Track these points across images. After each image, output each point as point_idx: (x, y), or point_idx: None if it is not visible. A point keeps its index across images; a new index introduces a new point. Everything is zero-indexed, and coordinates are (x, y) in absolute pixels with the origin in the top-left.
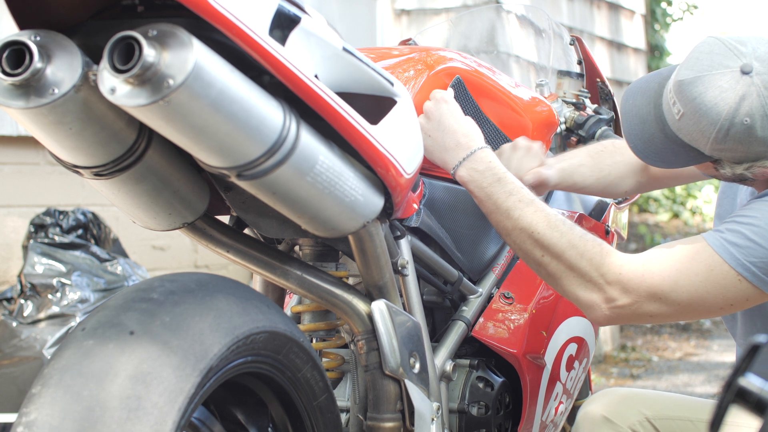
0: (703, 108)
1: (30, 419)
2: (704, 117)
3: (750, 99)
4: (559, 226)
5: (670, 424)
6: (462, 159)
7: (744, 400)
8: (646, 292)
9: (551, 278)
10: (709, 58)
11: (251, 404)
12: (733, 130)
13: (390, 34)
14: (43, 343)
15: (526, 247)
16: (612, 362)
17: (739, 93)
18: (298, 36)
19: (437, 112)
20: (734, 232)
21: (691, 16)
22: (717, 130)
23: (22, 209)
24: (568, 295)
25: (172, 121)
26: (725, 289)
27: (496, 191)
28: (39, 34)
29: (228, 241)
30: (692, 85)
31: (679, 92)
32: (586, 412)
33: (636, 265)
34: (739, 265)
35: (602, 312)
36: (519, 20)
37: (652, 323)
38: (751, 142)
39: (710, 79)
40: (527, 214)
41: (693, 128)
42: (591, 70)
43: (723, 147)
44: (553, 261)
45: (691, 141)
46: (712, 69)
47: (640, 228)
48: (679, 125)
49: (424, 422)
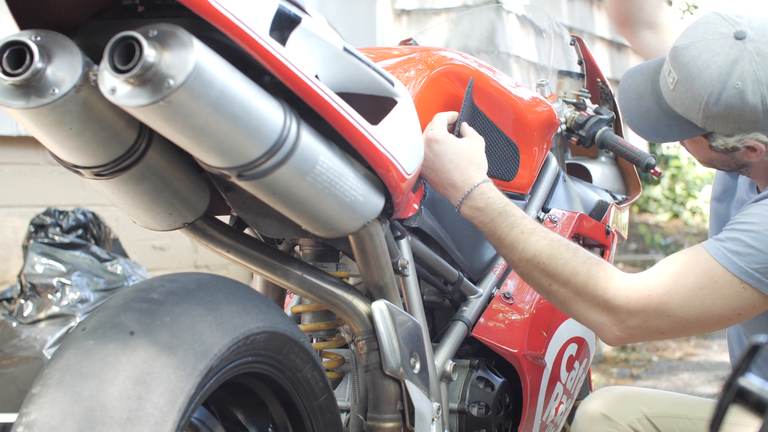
0: (695, 71)
1: (30, 419)
2: (697, 80)
3: (742, 63)
4: (563, 253)
5: (669, 422)
6: (462, 199)
7: (744, 400)
8: (654, 311)
9: (561, 305)
10: (705, 27)
11: (251, 404)
12: (724, 94)
13: (390, 34)
14: (43, 343)
15: (533, 277)
16: (612, 362)
17: (732, 57)
18: (299, 36)
19: (431, 154)
20: (734, 240)
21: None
22: (709, 93)
23: (22, 209)
24: (579, 320)
25: (172, 122)
26: (731, 299)
27: (498, 226)
28: (39, 34)
29: (228, 241)
30: (686, 50)
31: (673, 59)
32: (585, 409)
33: (641, 285)
34: (742, 273)
35: (613, 333)
36: (519, 20)
37: (665, 339)
38: (742, 109)
39: (704, 44)
40: (530, 246)
41: (686, 95)
42: (591, 70)
43: (715, 114)
44: (561, 288)
45: (685, 112)
46: (707, 36)
47: (641, 228)
48: (674, 95)
49: (424, 422)
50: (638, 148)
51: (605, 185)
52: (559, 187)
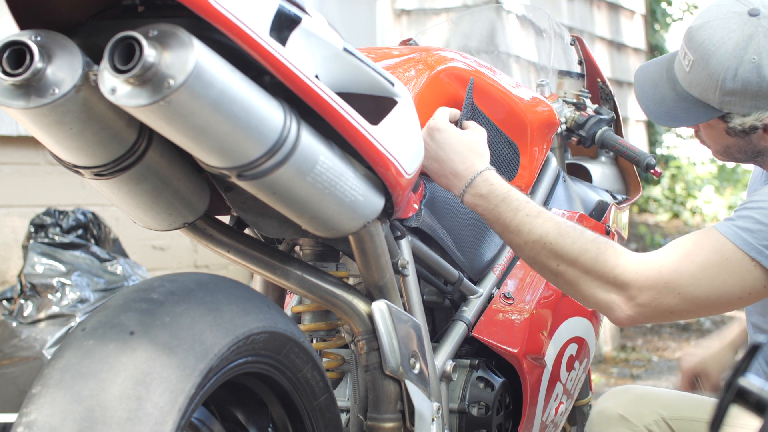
0: (711, 49)
1: (30, 419)
2: (713, 58)
3: (757, 38)
4: (570, 233)
5: (686, 425)
6: (465, 187)
7: (744, 400)
8: (664, 287)
9: (569, 286)
10: (718, 7)
11: (251, 404)
12: (741, 69)
13: (390, 34)
14: (43, 343)
15: (540, 259)
16: (612, 362)
17: (747, 32)
18: (299, 36)
19: (433, 143)
20: (745, 218)
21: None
22: (725, 69)
23: (22, 209)
24: (588, 300)
25: (172, 122)
26: (742, 277)
27: (502, 211)
28: (39, 34)
29: (228, 241)
30: (701, 30)
31: (688, 39)
32: (602, 409)
33: (651, 262)
34: (753, 250)
35: (623, 312)
36: (519, 20)
37: (675, 320)
38: (760, 84)
39: (718, 23)
40: (537, 227)
41: (702, 74)
42: (592, 70)
43: (732, 91)
44: (569, 268)
45: (702, 93)
46: (721, 14)
47: (641, 228)
48: (690, 78)
49: (424, 422)
50: (638, 148)
51: (605, 185)
52: (559, 187)
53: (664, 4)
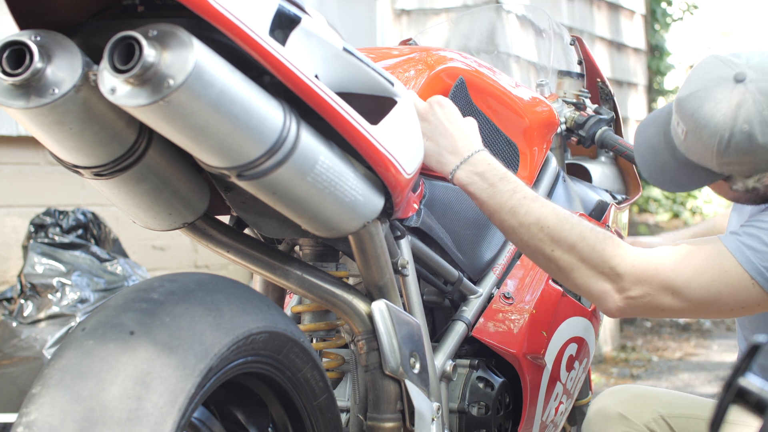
0: (702, 121)
1: (30, 419)
2: (704, 129)
3: (746, 106)
4: (569, 219)
5: (685, 423)
6: (460, 162)
7: (744, 400)
8: (660, 285)
9: (562, 272)
10: (704, 73)
11: (251, 404)
12: (734, 139)
13: (390, 34)
14: (43, 343)
15: (535, 242)
16: (612, 362)
17: (735, 101)
18: (299, 36)
19: (433, 117)
20: (751, 236)
21: (691, 16)
22: (718, 141)
23: (22, 209)
24: (580, 288)
25: (172, 122)
26: (738, 292)
27: (499, 190)
28: (39, 34)
29: (228, 241)
30: (689, 101)
31: (679, 110)
32: (601, 407)
33: (649, 258)
34: (753, 269)
35: (615, 303)
36: (519, 20)
37: (665, 317)
38: (755, 151)
39: (706, 93)
40: (535, 209)
41: (697, 144)
42: (591, 70)
43: (729, 159)
44: (565, 254)
45: (700, 160)
46: (707, 82)
47: (640, 228)
48: (686, 145)
49: (424, 422)
50: None
51: (605, 185)
52: (558, 187)
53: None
